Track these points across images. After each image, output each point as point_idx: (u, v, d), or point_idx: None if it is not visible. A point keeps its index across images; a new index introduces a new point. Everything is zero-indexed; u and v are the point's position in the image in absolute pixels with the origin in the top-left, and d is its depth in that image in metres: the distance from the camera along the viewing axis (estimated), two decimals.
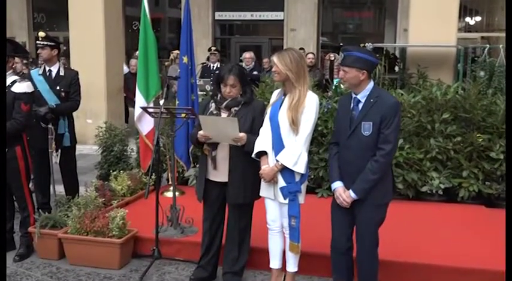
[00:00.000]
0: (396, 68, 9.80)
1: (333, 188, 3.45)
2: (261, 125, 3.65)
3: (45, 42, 5.00)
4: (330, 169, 3.56)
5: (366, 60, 3.26)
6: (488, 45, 8.74)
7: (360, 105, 3.30)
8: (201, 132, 3.71)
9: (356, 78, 3.27)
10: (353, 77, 3.27)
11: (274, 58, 3.52)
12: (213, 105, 3.82)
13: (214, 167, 3.78)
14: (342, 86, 6.03)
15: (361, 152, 3.27)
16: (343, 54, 3.32)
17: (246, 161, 3.69)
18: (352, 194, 3.29)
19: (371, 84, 3.32)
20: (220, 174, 3.78)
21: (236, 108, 3.74)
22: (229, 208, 3.89)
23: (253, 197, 3.82)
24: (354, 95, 3.35)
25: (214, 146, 3.77)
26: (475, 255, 4.14)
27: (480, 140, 5.47)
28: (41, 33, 5.00)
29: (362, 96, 3.31)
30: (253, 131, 3.67)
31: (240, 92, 3.76)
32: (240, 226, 3.87)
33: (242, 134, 3.60)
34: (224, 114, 3.75)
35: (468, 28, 14.56)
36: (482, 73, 7.80)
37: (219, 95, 3.81)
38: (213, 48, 10.99)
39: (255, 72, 9.38)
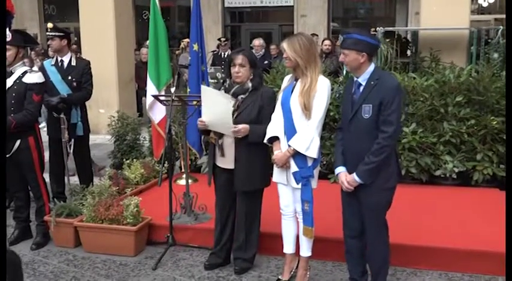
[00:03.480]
0: (408, 52, 9.69)
1: (336, 174, 3.44)
2: (270, 114, 3.63)
3: (54, 33, 5.04)
4: (334, 155, 3.54)
5: (365, 43, 3.20)
6: (501, 27, 8.56)
7: (361, 89, 3.26)
8: (200, 118, 3.75)
9: (356, 61, 3.22)
10: (353, 60, 3.23)
11: (284, 44, 3.51)
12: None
13: (222, 154, 3.79)
14: None
15: (361, 135, 3.24)
16: (343, 36, 3.29)
17: (252, 149, 3.68)
18: (356, 178, 3.26)
19: (372, 67, 3.27)
20: (227, 161, 3.78)
21: (243, 96, 3.73)
22: (237, 195, 3.88)
23: (261, 184, 3.81)
24: (355, 79, 3.32)
25: (220, 133, 3.76)
26: (489, 238, 4.11)
27: (494, 122, 5.41)
28: (49, 25, 5.08)
29: (363, 79, 3.26)
30: (260, 120, 3.65)
31: (250, 76, 3.72)
32: (247, 213, 3.87)
33: (241, 126, 3.60)
34: (232, 102, 3.71)
35: (481, 10, 14.34)
36: (495, 55, 7.68)
37: (227, 82, 3.81)
38: (223, 39, 10.97)
39: (265, 62, 9.35)
